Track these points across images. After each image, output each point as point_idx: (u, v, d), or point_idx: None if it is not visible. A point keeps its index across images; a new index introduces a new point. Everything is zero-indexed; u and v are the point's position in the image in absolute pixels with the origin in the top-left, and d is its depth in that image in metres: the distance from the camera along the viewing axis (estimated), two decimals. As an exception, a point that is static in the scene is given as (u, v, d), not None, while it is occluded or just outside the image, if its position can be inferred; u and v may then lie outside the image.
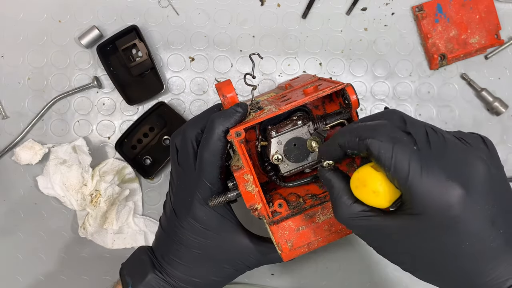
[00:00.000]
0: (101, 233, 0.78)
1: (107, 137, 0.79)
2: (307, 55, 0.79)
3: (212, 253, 0.55)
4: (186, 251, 0.55)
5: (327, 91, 0.50)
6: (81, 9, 0.78)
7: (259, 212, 0.51)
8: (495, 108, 0.78)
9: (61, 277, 0.81)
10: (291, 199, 0.53)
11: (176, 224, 0.55)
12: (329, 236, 0.52)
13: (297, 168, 0.52)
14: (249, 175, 0.50)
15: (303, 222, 0.52)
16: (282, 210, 0.52)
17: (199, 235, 0.54)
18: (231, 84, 0.54)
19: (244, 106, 0.53)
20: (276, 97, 0.57)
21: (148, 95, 0.77)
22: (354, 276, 0.81)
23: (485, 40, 0.78)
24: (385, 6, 0.79)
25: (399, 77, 0.80)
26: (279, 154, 0.52)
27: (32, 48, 0.78)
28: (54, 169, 0.75)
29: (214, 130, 0.51)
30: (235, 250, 0.55)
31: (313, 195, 0.53)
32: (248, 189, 0.50)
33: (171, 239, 0.55)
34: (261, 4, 0.79)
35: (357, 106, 0.51)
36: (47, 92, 0.79)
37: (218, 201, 0.51)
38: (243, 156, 0.50)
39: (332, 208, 0.45)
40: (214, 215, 0.54)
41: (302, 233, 0.52)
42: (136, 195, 0.80)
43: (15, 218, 0.80)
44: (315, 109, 0.58)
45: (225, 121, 0.51)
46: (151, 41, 0.78)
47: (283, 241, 0.51)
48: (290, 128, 0.51)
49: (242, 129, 0.49)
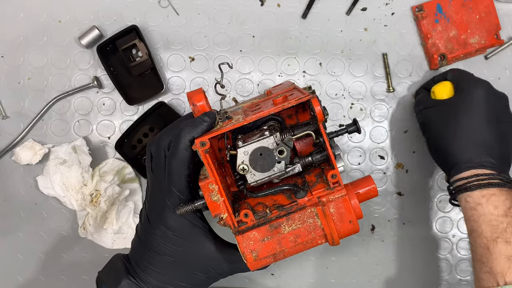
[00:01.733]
0: (101, 233, 0.78)
1: (107, 137, 0.80)
2: (307, 55, 0.79)
3: (184, 260, 0.55)
4: (159, 258, 0.55)
5: (292, 102, 0.50)
6: (81, 9, 0.78)
7: (224, 221, 0.51)
8: (495, 108, 0.78)
9: (61, 277, 0.81)
10: (258, 209, 0.53)
11: (150, 231, 0.55)
12: (295, 247, 0.52)
13: (264, 178, 0.53)
14: (214, 185, 0.50)
15: (268, 232, 0.52)
16: (248, 220, 0.52)
17: (171, 242, 0.55)
18: (202, 93, 0.54)
19: (211, 115, 0.53)
20: (251, 106, 0.58)
21: (148, 95, 0.77)
22: (354, 276, 0.82)
23: (485, 40, 0.78)
24: (385, 6, 0.79)
25: (399, 77, 0.80)
26: (245, 164, 0.52)
27: (32, 48, 0.79)
28: (54, 169, 0.75)
29: (181, 140, 0.52)
30: (205, 257, 0.55)
31: (279, 206, 0.53)
32: (213, 198, 0.50)
33: (145, 246, 0.56)
34: (261, 4, 0.79)
35: (322, 118, 0.51)
36: (47, 92, 0.79)
37: (185, 209, 0.52)
38: (207, 166, 0.50)
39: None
40: (184, 223, 0.54)
41: (267, 244, 0.52)
42: (136, 195, 0.80)
43: (15, 218, 0.80)
44: (288, 119, 0.59)
45: (192, 131, 0.52)
46: (151, 41, 0.78)
47: (248, 251, 0.52)
48: (256, 139, 0.52)
49: (207, 138, 0.49)
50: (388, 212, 0.81)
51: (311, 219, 0.52)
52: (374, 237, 0.81)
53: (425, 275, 0.81)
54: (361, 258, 0.81)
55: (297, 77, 0.79)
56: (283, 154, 0.52)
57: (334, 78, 0.80)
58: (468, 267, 0.81)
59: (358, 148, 0.80)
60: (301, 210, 0.52)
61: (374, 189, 0.56)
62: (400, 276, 0.81)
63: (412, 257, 0.81)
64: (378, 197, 0.79)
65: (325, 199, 0.52)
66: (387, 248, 0.81)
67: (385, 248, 0.81)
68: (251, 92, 0.79)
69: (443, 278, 0.82)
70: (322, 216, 0.51)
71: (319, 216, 0.52)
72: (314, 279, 0.82)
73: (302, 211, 0.52)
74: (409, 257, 0.81)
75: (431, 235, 0.81)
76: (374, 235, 0.81)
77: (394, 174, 0.80)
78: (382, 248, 0.81)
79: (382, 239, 0.81)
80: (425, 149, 0.80)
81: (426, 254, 0.81)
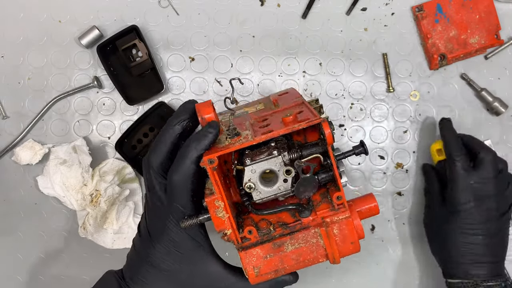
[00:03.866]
0: (101, 233, 0.78)
1: (107, 137, 0.80)
2: (307, 55, 0.79)
3: (182, 277, 0.55)
4: (156, 273, 0.54)
5: (303, 124, 0.50)
6: (81, 9, 0.78)
7: (228, 237, 0.51)
8: (495, 108, 0.78)
9: (61, 277, 0.81)
10: (262, 225, 0.53)
11: (149, 245, 0.54)
12: (296, 264, 0.52)
13: (270, 196, 0.53)
14: (220, 202, 0.50)
15: (271, 250, 0.52)
16: (252, 237, 0.52)
17: (171, 257, 0.54)
18: (211, 106, 0.53)
19: (215, 125, 0.52)
20: (258, 119, 0.58)
21: (148, 95, 0.77)
22: (354, 276, 0.82)
23: (485, 40, 0.78)
24: (385, 6, 0.79)
25: (399, 77, 0.80)
26: (252, 182, 0.52)
27: (32, 48, 0.79)
28: (54, 169, 0.75)
29: (187, 155, 0.51)
30: (204, 276, 0.55)
31: (283, 224, 0.53)
32: (219, 215, 0.50)
33: (143, 259, 0.55)
34: (261, 4, 0.79)
35: (332, 142, 0.51)
36: (47, 92, 0.79)
37: (189, 223, 0.51)
38: (215, 183, 0.50)
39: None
40: (187, 239, 0.53)
41: (270, 261, 0.52)
42: (136, 195, 0.80)
43: (15, 218, 0.80)
44: (296, 135, 0.58)
45: (198, 145, 0.51)
46: (151, 41, 0.78)
47: (250, 267, 0.52)
48: (265, 157, 0.51)
49: (215, 156, 0.49)
50: (388, 212, 0.81)
51: (314, 239, 0.52)
52: (374, 237, 0.81)
53: (425, 275, 0.81)
54: (361, 258, 0.81)
55: (297, 77, 0.79)
56: (290, 174, 0.51)
57: (334, 78, 0.80)
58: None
59: (358, 148, 0.80)
60: (305, 229, 0.52)
61: (375, 207, 0.56)
62: (400, 276, 0.81)
63: (412, 257, 0.81)
64: (378, 197, 0.79)
65: (329, 219, 0.52)
66: (387, 248, 0.81)
67: (385, 248, 0.81)
68: (251, 92, 0.79)
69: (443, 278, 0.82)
70: (325, 237, 0.52)
71: (322, 237, 0.52)
72: (314, 279, 0.82)
73: (306, 231, 0.52)
74: (409, 257, 0.81)
75: (431, 235, 0.81)
76: (374, 235, 0.81)
77: (394, 174, 0.80)
78: (382, 248, 0.81)
79: (382, 239, 0.81)
80: (425, 149, 0.80)
81: (426, 254, 0.81)
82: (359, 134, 0.80)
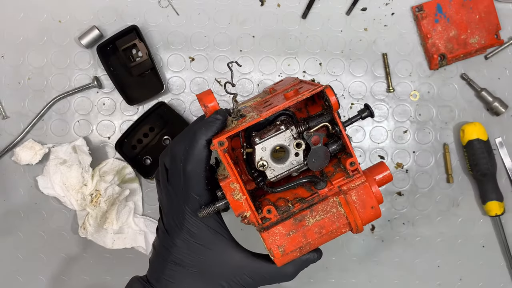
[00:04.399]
0: (101, 233, 0.78)
1: (107, 137, 0.80)
2: (307, 55, 0.79)
3: (206, 270, 0.54)
4: (180, 270, 0.54)
5: (306, 94, 0.50)
6: (81, 9, 0.78)
7: (248, 219, 0.51)
8: (495, 108, 0.78)
9: (61, 277, 0.81)
10: (280, 204, 0.53)
11: (170, 243, 0.54)
12: (320, 238, 0.52)
13: (283, 173, 0.53)
14: (236, 184, 0.50)
15: (293, 226, 0.52)
16: (271, 216, 0.51)
17: (193, 251, 0.54)
18: (211, 94, 0.54)
19: (223, 112, 0.53)
20: (259, 103, 0.58)
21: (148, 95, 0.77)
22: (354, 276, 0.82)
23: (485, 40, 0.78)
24: (385, 6, 0.79)
25: (399, 77, 0.80)
26: (264, 160, 0.52)
27: (32, 48, 0.79)
28: (54, 169, 0.75)
29: (197, 141, 0.51)
30: (228, 265, 0.54)
31: (301, 199, 0.53)
32: (236, 197, 0.50)
33: (165, 259, 0.55)
34: (261, 4, 0.79)
35: (338, 107, 0.51)
36: (47, 92, 0.79)
37: (207, 211, 0.51)
38: (227, 165, 0.50)
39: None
40: (206, 229, 0.53)
41: (293, 237, 0.51)
42: (136, 195, 0.80)
43: (15, 218, 0.80)
44: (298, 112, 0.58)
45: (207, 131, 0.51)
46: (151, 41, 0.78)
47: (274, 247, 0.51)
48: (273, 134, 0.51)
49: (224, 138, 0.49)
50: (388, 212, 0.81)
51: (334, 209, 0.51)
52: (374, 237, 0.81)
53: (425, 275, 0.81)
54: (361, 258, 0.81)
55: (297, 77, 0.79)
56: (300, 147, 0.51)
57: (334, 78, 0.80)
58: (468, 267, 0.82)
59: (358, 148, 0.80)
60: (323, 200, 0.52)
61: (389, 175, 0.56)
62: (400, 276, 0.81)
63: (412, 257, 0.81)
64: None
65: (345, 187, 0.52)
66: (387, 248, 0.81)
67: (385, 248, 0.81)
68: (251, 92, 0.79)
69: (444, 278, 0.82)
70: (345, 204, 0.51)
71: (342, 205, 0.51)
72: (314, 279, 0.82)
73: (325, 202, 0.51)
74: (409, 257, 0.81)
75: (431, 235, 0.81)
76: (374, 235, 0.81)
77: (394, 174, 0.80)
78: (382, 248, 0.81)
79: (382, 239, 0.81)
80: (424, 149, 0.80)
81: (426, 253, 0.81)
82: (359, 134, 0.80)
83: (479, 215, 0.81)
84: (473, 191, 0.81)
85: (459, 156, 0.81)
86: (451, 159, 0.80)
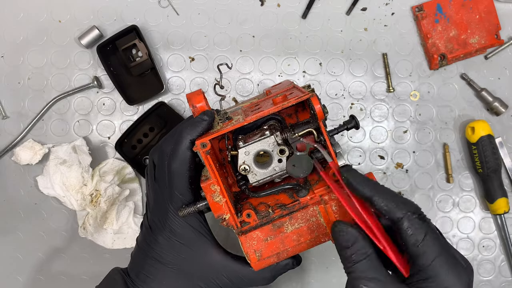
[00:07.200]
0: (101, 233, 0.78)
1: (107, 137, 0.80)
2: (307, 55, 0.79)
3: (186, 268, 0.55)
4: (160, 267, 0.55)
5: (292, 101, 0.50)
6: (81, 9, 0.78)
7: (227, 222, 0.51)
8: (495, 108, 0.78)
9: (61, 277, 0.81)
10: (260, 209, 0.53)
11: (152, 240, 0.55)
12: (298, 246, 0.52)
13: (265, 178, 0.53)
14: (216, 186, 0.50)
15: (271, 232, 0.52)
16: (251, 220, 0.52)
17: (174, 248, 0.54)
18: (201, 94, 0.54)
19: (210, 113, 0.53)
20: (250, 106, 0.58)
21: (148, 95, 0.77)
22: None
23: (485, 40, 0.78)
24: (385, 6, 0.79)
25: (399, 77, 0.80)
26: (246, 164, 0.52)
27: (32, 48, 0.78)
28: (54, 169, 0.75)
29: (182, 141, 0.52)
30: (207, 265, 0.55)
31: (282, 205, 0.53)
32: (215, 199, 0.50)
33: (146, 255, 0.56)
34: (261, 4, 0.79)
35: (322, 117, 0.51)
36: (47, 92, 0.79)
37: (187, 211, 0.52)
38: (209, 167, 0.50)
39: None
40: (188, 228, 0.54)
41: (271, 243, 0.52)
42: (136, 195, 0.80)
43: (15, 218, 0.80)
44: (288, 118, 0.58)
45: (192, 131, 0.52)
46: (151, 41, 0.78)
47: (251, 251, 0.52)
48: (257, 139, 0.52)
49: (207, 140, 0.49)
50: (388, 212, 0.81)
51: (313, 218, 0.52)
52: (374, 237, 0.81)
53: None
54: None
55: (297, 77, 0.79)
56: (284, 153, 0.51)
57: (334, 78, 0.80)
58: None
59: (358, 148, 0.80)
60: (304, 208, 0.52)
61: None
62: (400, 276, 0.81)
63: (412, 257, 0.81)
64: (378, 197, 0.79)
65: (327, 197, 0.52)
66: (387, 248, 0.81)
67: (385, 248, 0.81)
68: (251, 92, 0.79)
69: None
70: (324, 214, 0.51)
71: (321, 214, 0.51)
72: (314, 279, 0.82)
73: (305, 210, 0.52)
74: (409, 257, 0.81)
75: (431, 235, 0.81)
76: (374, 235, 0.81)
77: (394, 174, 0.80)
78: (382, 248, 0.81)
79: (382, 239, 0.81)
80: (424, 149, 0.80)
81: (426, 254, 0.81)
82: (359, 134, 0.80)
83: (479, 215, 0.81)
84: (473, 191, 0.81)
85: (460, 156, 0.80)
86: (451, 159, 0.80)
